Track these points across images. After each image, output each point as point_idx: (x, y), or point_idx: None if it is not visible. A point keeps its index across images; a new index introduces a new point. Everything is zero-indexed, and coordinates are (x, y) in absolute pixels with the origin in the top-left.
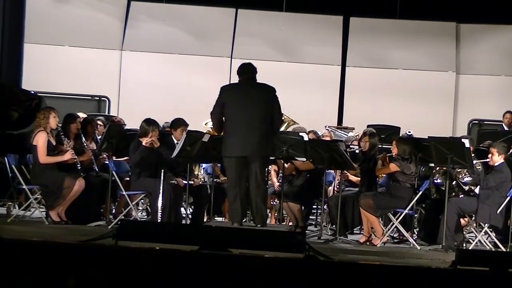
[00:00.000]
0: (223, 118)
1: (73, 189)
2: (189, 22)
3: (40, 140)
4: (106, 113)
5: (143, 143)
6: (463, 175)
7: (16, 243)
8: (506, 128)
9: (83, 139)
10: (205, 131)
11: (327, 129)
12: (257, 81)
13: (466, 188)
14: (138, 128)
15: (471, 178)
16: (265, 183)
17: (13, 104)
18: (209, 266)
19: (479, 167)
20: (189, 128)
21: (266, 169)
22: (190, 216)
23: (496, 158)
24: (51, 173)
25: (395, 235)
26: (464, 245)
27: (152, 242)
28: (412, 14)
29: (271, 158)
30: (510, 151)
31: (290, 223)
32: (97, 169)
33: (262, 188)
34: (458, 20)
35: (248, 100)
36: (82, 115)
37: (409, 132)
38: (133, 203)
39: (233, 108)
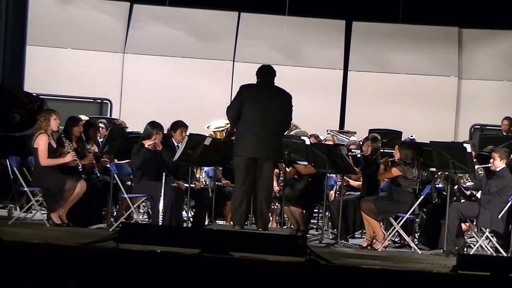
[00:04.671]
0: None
1: (75, 192)
2: (192, 25)
3: (41, 142)
4: (108, 116)
5: (146, 145)
6: (465, 180)
7: (17, 246)
8: (504, 134)
9: (85, 142)
10: (207, 135)
11: (329, 133)
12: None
13: (468, 193)
14: (140, 131)
15: (472, 183)
16: (272, 187)
17: (15, 107)
18: (210, 269)
19: (480, 172)
20: (191, 131)
21: None
22: (191, 219)
23: (498, 163)
24: (52, 175)
25: (397, 240)
26: (465, 250)
27: (153, 245)
28: (415, 19)
29: None
30: None
31: (291, 227)
32: (98, 174)
33: (268, 192)
34: (460, 25)
35: (267, 103)
36: (84, 117)
37: (411, 136)
38: (135, 206)
39: (252, 109)
